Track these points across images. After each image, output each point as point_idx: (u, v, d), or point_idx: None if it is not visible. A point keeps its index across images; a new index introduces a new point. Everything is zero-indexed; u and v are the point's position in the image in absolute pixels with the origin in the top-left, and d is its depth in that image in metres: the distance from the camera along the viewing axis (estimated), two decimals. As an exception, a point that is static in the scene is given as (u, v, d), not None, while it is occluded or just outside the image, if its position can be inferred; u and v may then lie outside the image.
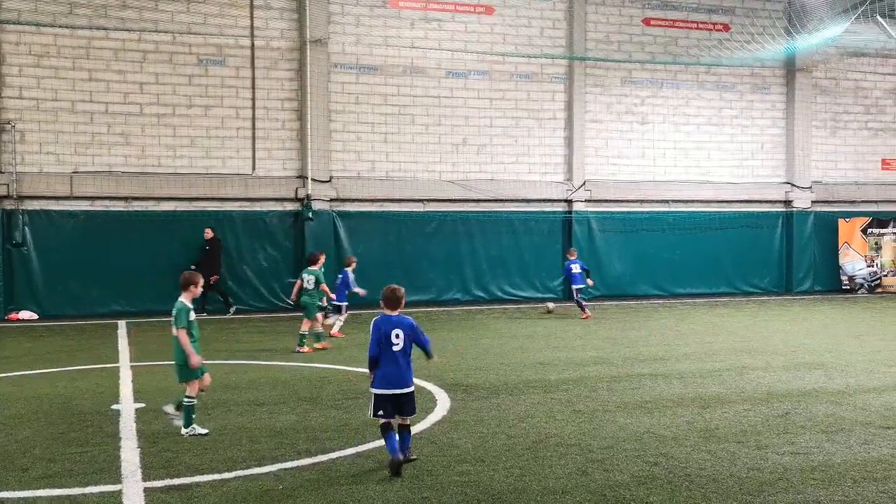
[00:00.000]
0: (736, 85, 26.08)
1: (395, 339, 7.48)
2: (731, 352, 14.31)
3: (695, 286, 25.43)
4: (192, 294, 8.74)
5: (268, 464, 7.57)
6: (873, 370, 12.41)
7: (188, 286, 8.74)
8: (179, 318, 8.52)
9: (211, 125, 21.49)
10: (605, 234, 24.56)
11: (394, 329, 7.50)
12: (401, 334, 7.50)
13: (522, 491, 6.82)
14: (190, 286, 8.74)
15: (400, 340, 7.49)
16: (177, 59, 21.14)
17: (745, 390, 10.92)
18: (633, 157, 25.14)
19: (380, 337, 7.51)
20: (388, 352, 7.47)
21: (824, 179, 27.00)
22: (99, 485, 7.00)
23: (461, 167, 23.51)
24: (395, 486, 6.94)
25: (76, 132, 20.52)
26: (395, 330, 7.50)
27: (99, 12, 20.42)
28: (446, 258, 22.66)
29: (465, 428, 8.91)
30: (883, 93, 27.63)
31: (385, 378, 7.47)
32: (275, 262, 21.89)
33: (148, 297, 20.39)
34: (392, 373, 7.46)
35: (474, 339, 16.25)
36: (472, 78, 23.54)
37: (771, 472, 7.30)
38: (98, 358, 13.92)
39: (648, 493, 6.76)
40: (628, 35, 24.93)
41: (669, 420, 9.25)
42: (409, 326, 7.58)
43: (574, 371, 12.46)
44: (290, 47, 21.97)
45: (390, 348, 7.47)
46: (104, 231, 20.38)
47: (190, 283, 8.76)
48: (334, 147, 22.39)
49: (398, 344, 7.48)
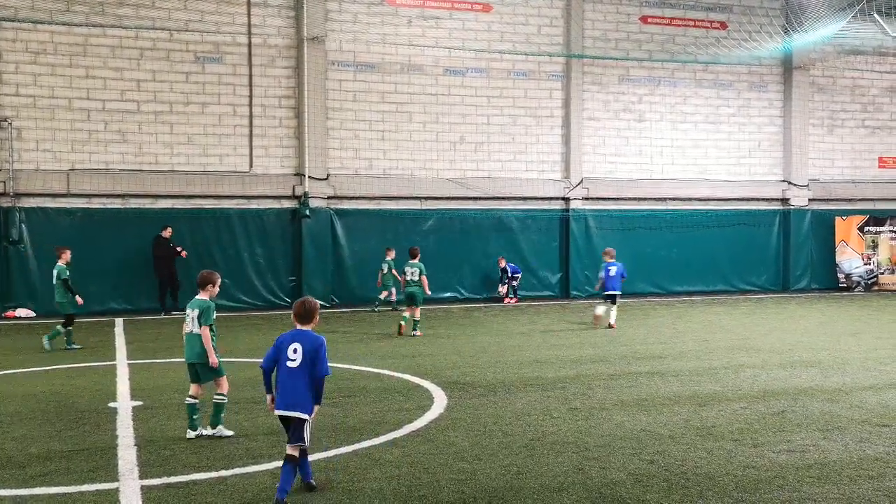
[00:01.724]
0: (733, 83, 26.10)
1: (293, 355, 6.65)
2: (727, 350, 14.33)
3: (692, 284, 25.46)
4: (209, 293, 8.65)
5: (265, 462, 7.57)
6: (869, 368, 12.43)
7: (206, 285, 8.64)
8: (207, 316, 8.49)
9: (208, 122, 21.47)
10: (603, 231, 24.57)
11: (292, 344, 6.68)
12: (299, 349, 6.63)
13: (519, 489, 6.82)
14: (208, 285, 8.65)
15: (298, 356, 6.63)
16: (174, 57, 21.12)
17: (741, 388, 10.94)
18: (631, 154, 25.15)
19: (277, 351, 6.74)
20: (283, 368, 6.66)
21: (821, 177, 27.03)
22: (96, 483, 7.00)
23: (459, 165, 23.50)
24: (392, 483, 6.94)
25: (73, 129, 20.49)
26: (294, 344, 6.67)
27: (96, 9, 20.39)
28: (444, 256, 22.66)
29: (462, 426, 8.92)
30: (880, 91, 27.66)
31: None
32: (272, 260, 21.87)
33: (145, 295, 20.39)
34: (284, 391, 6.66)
35: (472, 336, 16.26)
36: (469, 75, 23.53)
37: (767, 469, 7.32)
38: (95, 356, 13.91)
39: (645, 490, 6.77)
40: (626, 33, 24.93)
41: (666, 418, 9.26)
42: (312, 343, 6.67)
43: (571, 369, 12.47)
44: (288, 45, 21.95)
45: (285, 364, 6.66)
46: (101, 229, 20.36)
47: (208, 281, 8.66)
48: (332, 145, 22.39)
49: (295, 360, 6.63)
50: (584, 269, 24.31)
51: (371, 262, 21.87)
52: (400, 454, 7.82)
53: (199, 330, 8.46)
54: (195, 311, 8.51)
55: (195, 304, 8.56)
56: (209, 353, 8.48)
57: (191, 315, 8.53)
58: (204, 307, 8.51)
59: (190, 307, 8.59)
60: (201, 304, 8.54)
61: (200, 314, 8.47)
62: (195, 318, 8.49)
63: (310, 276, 21.86)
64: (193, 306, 8.56)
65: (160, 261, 20.17)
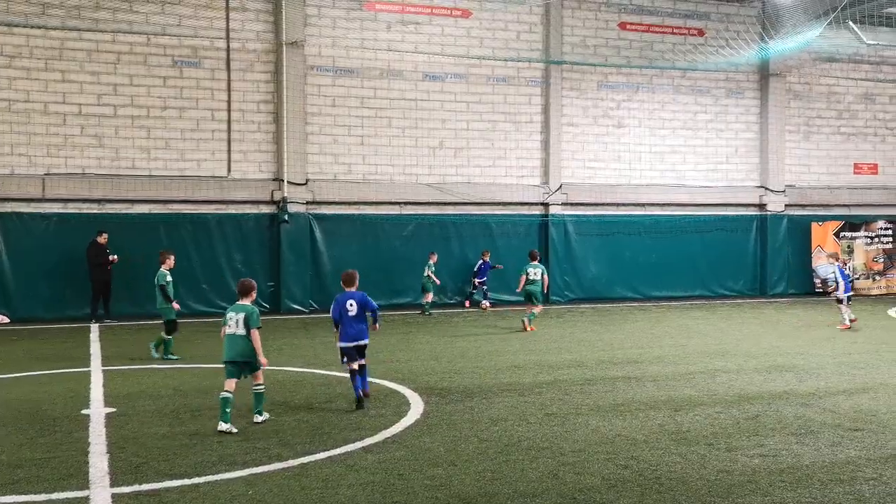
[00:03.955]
0: (711, 89, 26.29)
1: (350, 307, 10.20)
2: (704, 354, 14.41)
3: (670, 289, 25.58)
4: (251, 298, 9.58)
5: (238, 469, 7.53)
6: (843, 373, 12.54)
7: (249, 292, 9.61)
8: (256, 319, 9.32)
9: (186, 127, 21.35)
10: (582, 237, 24.66)
11: (348, 300, 10.24)
12: (354, 304, 10.20)
13: (493, 494, 6.82)
14: (251, 292, 9.62)
15: (354, 308, 10.18)
16: (151, 61, 21.00)
17: (716, 393, 11.00)
18: (609, 160, 25.27)
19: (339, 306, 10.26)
20: (346, 316, 10.23)
21: (798, 183, 27.28)
22: (66, 491, 6.92)
23: (438, 170, 23.51)
24: (366, 490, 6.92)
25: (49, 134, 20.31)
26: (350, 300, 10.23)
27: (72, 13, 20.24)
28: (423, 261, 22.60)
29: (438, 431, 8.91)
30: (855, 98, 27.96)
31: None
32: (251, 266, 21.75)
33: (121, 301, 20.20)
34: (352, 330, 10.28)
35: (450, 342, 16.25)
36: (448, 81, 23.57)
37: (740, 474, 7.36)
38: (69, 362, 13.77)
39: (618, 496, 6.78)
40: (604, 39, 25.07)
41: (641, 423, 9.29)
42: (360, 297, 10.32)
43: (548, 374, 12.49)
44: (266, 49, 21.89)
45: (347, 314, 10.22)
46: (77, 234, 20.13)
47: (251, 289, 9.66)
48: (311, 150, 22.33)
49: (352, 311, 10.18)
50: (564, 274, 24.37)
51: (349, 268, 21.64)
52: (375, 460, 7.80)
53: (245, 332, 9.27)
54: (240, 315, 9.32)
55: (239, 309, 9.39)
56: (259, 354, 9.31)
57: (234, 318, 9.34)
58: (250, 312, 9.35)
59: (233, 311, 9.40)
60: (246, 309, 9.38)
61: (247, 318, 9.29)
62: (240, 321, 9.30)
63: (288, 282, 21.78)
64: (238, 311, 9.38)
65: (96, 268, 19.62)
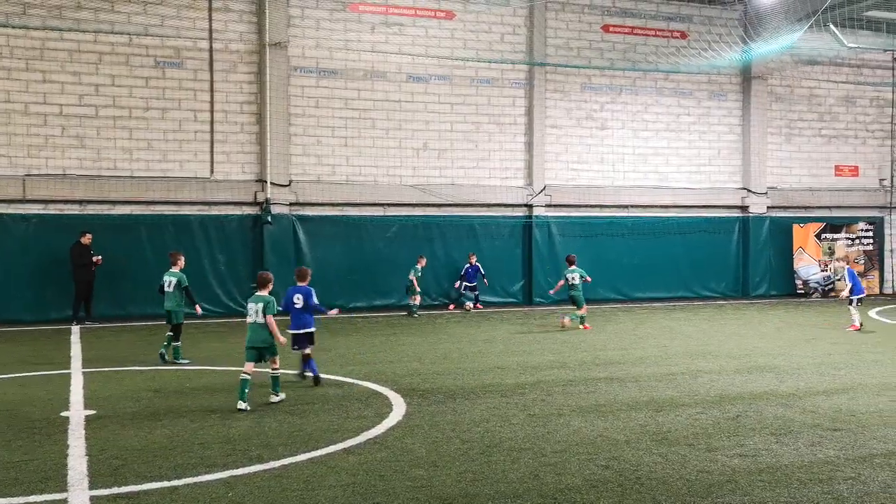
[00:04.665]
0: (693, 91, 26.43)
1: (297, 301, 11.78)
2: (686, 355, 14.48)
3: (653, 290, 25.68)
4: (268, 290, 10.77)
5: (218, 471, 7.49)
6: (823, 373, 12.63)
7: (267, 284, 10.87)
8: (272, 307, 10.48)
9: (168, 128, 21.24)
10: (565, 238, 24.70)
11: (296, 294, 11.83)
12: (301, 297, 11.79)
13: (474, 495, 6.82)
14: (268, 284, 10.89)
15: (300, 301, 11.77)
16: (133, 62, 20.87)
17: (698, 393, 11.06)
18: (593, 162, 25.35)
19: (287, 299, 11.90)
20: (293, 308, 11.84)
21: (779, 185, 27.45)
22: (44, 493, 6.87)
23: (422, 171, 23.51)
24: (347, 491, 6.91)
25: (29, 134, 20.15)
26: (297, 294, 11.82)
27: (53, 13, 20.10)
28: (407, 263, 22.56)
29: (420, 433, 8.90)
30: (836, 100, 28.18)
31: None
32: (233, 267, 21.66)
33: (102, 302, 20.06)
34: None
35: (433, 343, 16.24)
36: (432, 82, 23.57)
37: (720, 474, 7.40)
38: (49, 364, 13.66)
39: (599, 496, 6.80)
40: (588, 41, 25.15)
41: (623, 423, 9.32)
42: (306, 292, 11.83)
43: (531, 375, 12.51)
44: (250, 50, 21.82)
45: (294, 306, 11.83)
46: (58, 235, 19.97)
47: (269, 281, 10.95)
48: (294, 151, 22.27)
49: (298, 303, 11.79)
50: (548, 275, 24.39)
51: (333, 269, 21.78)
52: (356, 461, 7.78)
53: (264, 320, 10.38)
54: (259, 305, 10.47)
55: (259, 300, 10.54)
56: (276, 336, 10.46)
57: (255, 308, 10.50)
58: (267, 301, 10.50)
59: (254, 302, 10.56)
60: (264, 300, 10.54)
61: (265, 307, 10.42)
62: (259, 310, 10.44)
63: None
64: (257, 301, 10.53)
65: (80, 269, 19.37)
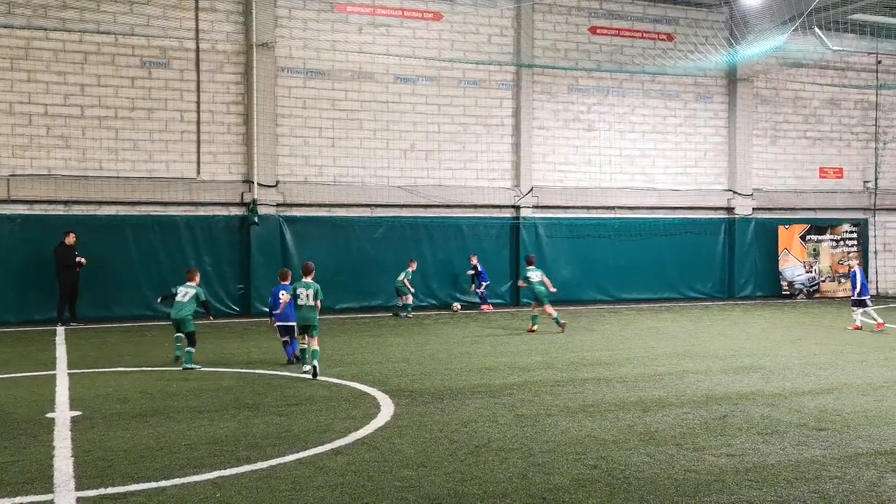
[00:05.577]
0: (680, 94, 26.55)
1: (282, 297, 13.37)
2: (672, 356, 14.54)
3: (640, 291, 25.76)
4: (312, 276, 12.69)
5: (206, 472, 7.46)
6: (809, 373, 12.71)
7: (311, 272, 12.72)
8: (321, 293, 12.54)
9: (154, 128, 21.15)
10: (552, 239, 24.77)
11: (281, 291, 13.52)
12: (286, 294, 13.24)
13: (463, 496, 6.82)
14: (312, 272, 12.74)
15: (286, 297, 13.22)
16: (119, 61, 20.78)
17: (685, 393, 11.10)
18: (580, 163, 25.41)
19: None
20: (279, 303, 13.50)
21: (765, 187, 27.61)
22: (30, 495, 6.82)
23: (409, 172, 23.50)
24: (336, 491, 6.90)
25: (14, 134, 20.02)
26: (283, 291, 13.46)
27: (38, 12, 19.98)
28: (395, 264, 22.57)
29: (408, 433, 8.89)
30: (821, 103, 28.37)
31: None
32: (220, 268, 21.58)
33: (86, 303, 19.93)
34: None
35: (421, 344, 16.24)
36: (420, 83, 23.57)
37: (707, 473, 7.43)
38: (35, 365, 13.57)
39: (587, 495, 6.82)
40: (575, 43, 25.22)
41: (611, 423, 9.35)
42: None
43: (519, 375, 12.53)
44: (236, 50, 21.76)
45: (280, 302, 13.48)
46: (42, 236, 19.84)
47: (312, 269, 12.77)
48: (281, 151, 22.22)
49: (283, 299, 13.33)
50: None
51: (321, 270, 21.59)
52: (344, 462, 7.77)
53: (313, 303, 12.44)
54: (310, 290, 12.43)
55: (308, 286, 12.49)
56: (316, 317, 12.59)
57: (305, 293, 12.43)
58: (317, 288, 12.50)
59: (303, 287, 12.47)
60: (314, 286, 12.50)
61: (316, 293, 12.45)
62: (310, 295, 12.42)
63: (259, 284, 21.61)
64: (308, 286, 12.47)
65: (64, 270, 19.23)
